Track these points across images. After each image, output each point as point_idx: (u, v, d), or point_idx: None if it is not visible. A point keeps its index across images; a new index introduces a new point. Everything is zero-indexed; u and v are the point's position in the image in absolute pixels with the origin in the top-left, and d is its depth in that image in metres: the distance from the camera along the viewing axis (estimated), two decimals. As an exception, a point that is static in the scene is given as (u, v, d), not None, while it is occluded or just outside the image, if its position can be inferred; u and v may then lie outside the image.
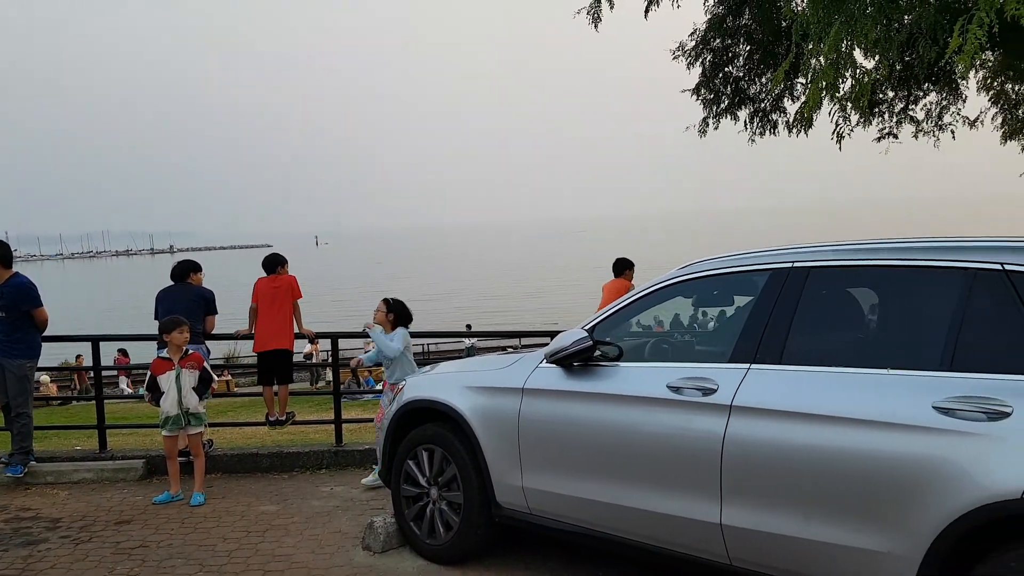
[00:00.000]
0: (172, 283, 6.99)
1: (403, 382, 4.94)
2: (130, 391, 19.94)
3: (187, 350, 5.95)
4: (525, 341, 19.09)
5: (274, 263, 7.15)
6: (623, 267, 9.45)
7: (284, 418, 7.26)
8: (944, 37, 5.99)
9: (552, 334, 6.93)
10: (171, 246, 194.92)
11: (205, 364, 6.00)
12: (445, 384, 4.48)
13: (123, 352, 22.35)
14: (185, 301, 6.80)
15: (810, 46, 5.16)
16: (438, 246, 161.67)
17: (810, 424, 2.91)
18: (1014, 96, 8.77)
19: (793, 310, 3.21)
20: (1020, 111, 8.68)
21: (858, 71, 5.01)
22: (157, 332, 6.07)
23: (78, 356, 20.92)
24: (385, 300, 6.22)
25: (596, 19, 8.44)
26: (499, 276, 71.84)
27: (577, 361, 3.79)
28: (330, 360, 7.41)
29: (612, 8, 8.28)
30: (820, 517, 2.86)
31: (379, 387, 19.12)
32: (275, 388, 7.14)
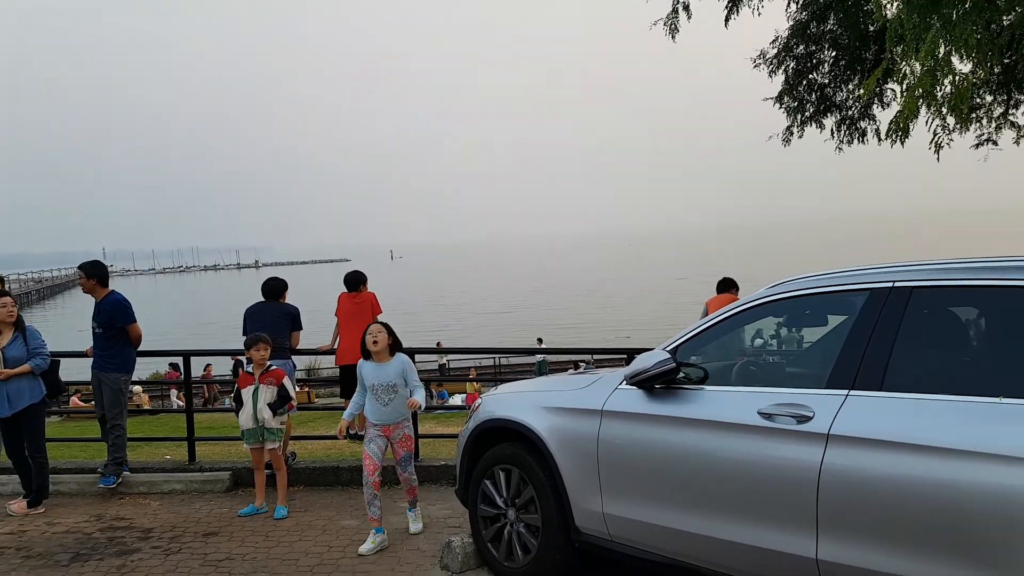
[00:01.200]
0: (262, 300, 7.20)
1: (479, 400, 4.91)
2: (180, 403, 20.35)
3: (269, 366, 6.07)
4: (598, 357, 18.89)
5: (356, 281, 7.28)
6: (727, 286, 9.22)
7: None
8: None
9: (625, 352, 6.81)
10: (256, 261, 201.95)
11: (284, 381, 6.08)
12: (521, 403, 4.41)
13: (174, 367, 22.23)
14: (272, 318, 7.00)
15: (901, 49, 4.91)
16: (498, 259, 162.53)
17: (916, 456, 2.72)
18: None
19: (895, 333, 3.02)
20: None
21: (956, 77, 4.73)
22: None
23: (172, 366, 21.75)
24: (383, 324, 5.50)
25: (674, 30, 8.28)
26: (562, 288, 71.55)
27: (659, 383, 3.67)
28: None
29: (690, 18, 8.15)
30: (926, 555, 2.67)
31: (454, 400, 19.18)
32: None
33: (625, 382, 3.83)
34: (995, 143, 8.50)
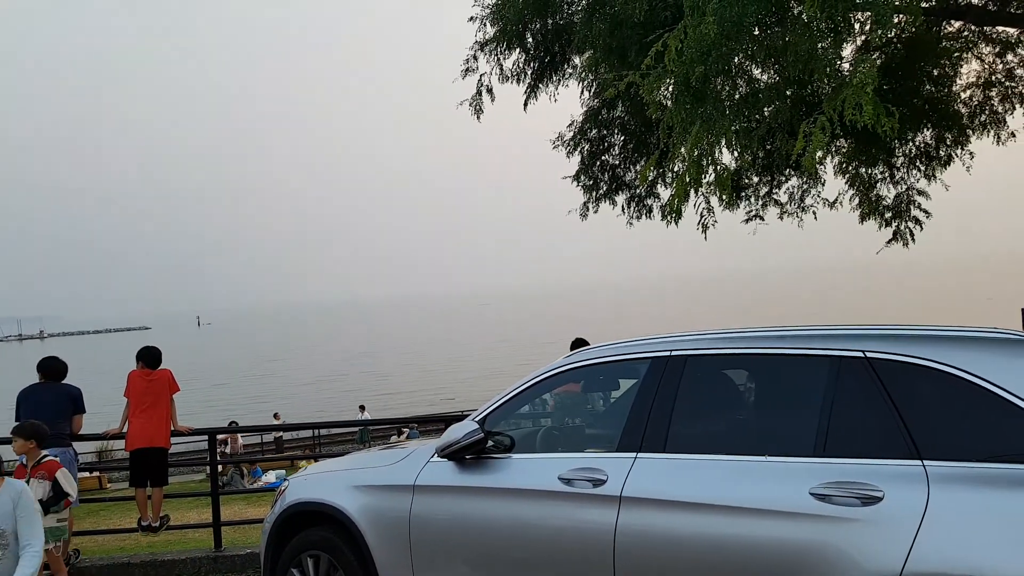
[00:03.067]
0: (37, 381, 6.50)
1: (285, 482, 4.71)
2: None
3: (43, 457, 5.45)
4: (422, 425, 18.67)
5: (151, 356, 6.78)
6: (579, 346, 9.48)
7: (158, 523, 6.78)
8: (800, 127, 6.54)
9: (443, 419, 6.85)
10: (41, 331, 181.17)
11: (59, 475, 5.44)
12: (331, 483, 4.28)
13: None
14: (51, 400, 6.34)
15: (672, 140, 5.49)
16: (322, 323, 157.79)
17: (694, 513, 2.97)
18: (867, 179, 9.57)
19: (674, 398, 3.30)
20: (873, 194, 9.46)
21: (719, 167, 5.37)
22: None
23: None
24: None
25: (478, 111, 8.88)
26: (387, 353, 70.72)
27: (469, 454, 3.74)
28: (208, 457, 7.02)
29: (493, 101, 8.78)
30: None
31: (267, 478, 18.12)
32: (149, 491, 6.68)
33: (436, 455, 3.87)
34: (762, 218, 9.62)
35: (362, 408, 28.40)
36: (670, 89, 5.16)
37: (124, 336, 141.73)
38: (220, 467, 8.85)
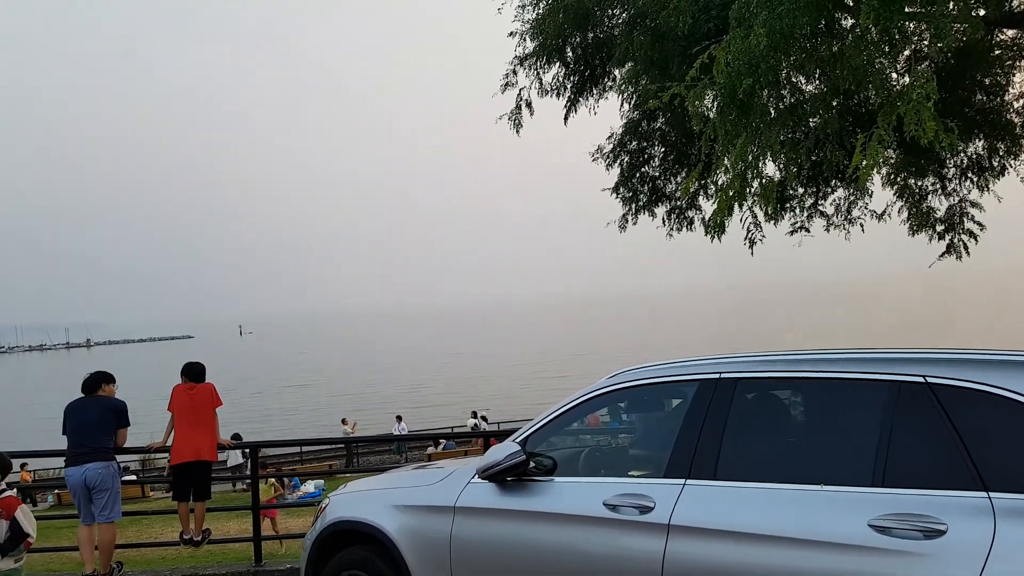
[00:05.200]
0: (82, 395, 6.60)
1: (327, 499, 4.68)
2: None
3: (3, 492, 5.15)
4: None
5: (194, 372, 6.84)
6: None
7: (200, 537, 6.81)
8: (850, 140, 6.38)
9: (487, 435, 6.77)
10: (88, 340, 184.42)
11: (18, 514, 5.09)
12: (371, 502, 4.25)
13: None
14: (95, 415, 6.42)
15: (716, 152, 5.38)
16: (359, 329, 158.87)
17: (746, 544, 2.86)
18: (917, 191, 9.31)
19: (724, 423, 3.20)
20: (924, 206, 9.21)
21: (763, 179, 5.24)
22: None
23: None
24: None
25: (518, 125, 8.91)
26: (421, 360, 70.94)
27: (511, 476, 3.67)
28: (249, 471, 7.05)
29: (532, 115, 8.80)
30: None
31: (306, 488, 18.23)
32: (191, 504, 6.72)
33: (478, 476, 3.81)
34: (807, 230, 9.41)
35: (399, 418, 28.50)
36: (715, 101, 5.06)
37: (168, 345, 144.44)
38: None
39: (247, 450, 9.59)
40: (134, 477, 20.55)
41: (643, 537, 3.12)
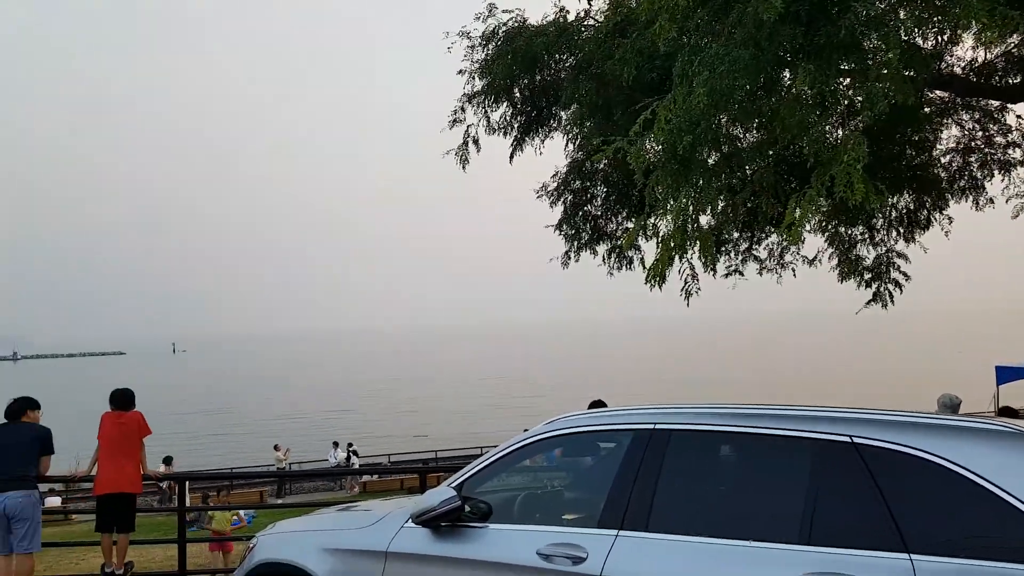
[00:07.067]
0: (4, 422, 6.35)
1: (255, 538, 4.57)
2: None
3: None
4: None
5: (124, 399, 6.65)
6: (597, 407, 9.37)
7: (122, 570, 6.57)
8: (783, 189, 6.61)
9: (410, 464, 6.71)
10: (15, 353, 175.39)
11: None
12: (300, 544, 4.16)
13: None
14: (17, 441, 6.19)
15: (660, 204, 5.53)
16: (296, 354, 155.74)
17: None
18: (847, 239, 9.67)
19: (657, 474, 3.23)
20: (852, 254, 9.56)
21: (702, 231, 5.42)
22: None
23: None
24: None
25: (464, 160, 9.06)
26: (351, 388, 69.83)
27: (445, 522, 3.65)
28: (176, 503, 6.85)
29: (479, 151, 8.96)
30: None
31: (237, 521, 17.72)
32: (114, 536, 6.49)
33: (411, 521, 3.77)
34: (741, 273, 9.68)
35: (335, 445, 28.01)
36: (657, 157, 5.21)
37: (99, 361, 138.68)
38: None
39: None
40: (58, 501, 19.64)
41: None
